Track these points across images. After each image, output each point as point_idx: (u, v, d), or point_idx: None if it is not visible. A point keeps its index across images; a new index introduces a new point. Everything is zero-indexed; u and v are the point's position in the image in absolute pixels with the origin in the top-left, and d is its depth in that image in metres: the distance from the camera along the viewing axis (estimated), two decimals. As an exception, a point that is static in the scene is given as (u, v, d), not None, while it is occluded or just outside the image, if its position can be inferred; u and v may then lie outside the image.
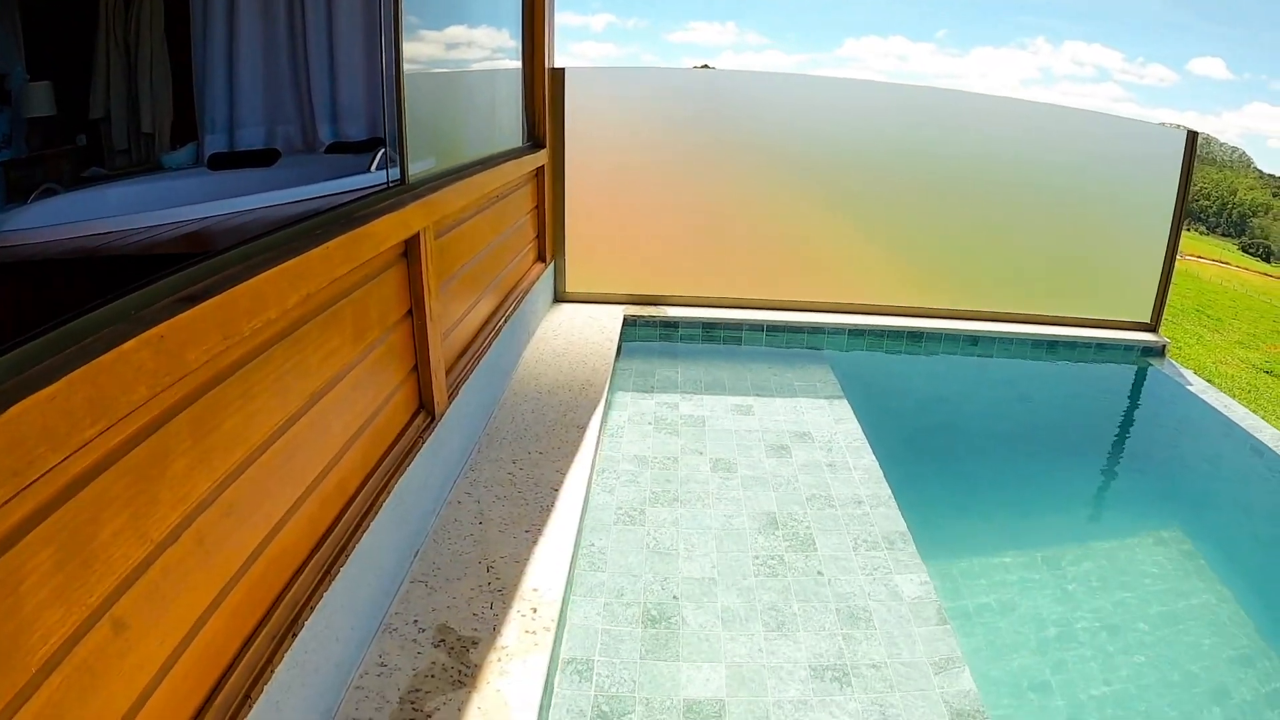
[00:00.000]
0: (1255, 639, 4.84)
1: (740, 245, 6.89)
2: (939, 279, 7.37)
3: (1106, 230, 7.64)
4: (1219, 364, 13.07)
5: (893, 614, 3.48)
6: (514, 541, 3.18)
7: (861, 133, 7.01)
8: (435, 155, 3.86)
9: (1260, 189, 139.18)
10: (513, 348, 4.99)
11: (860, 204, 7.13)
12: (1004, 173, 7.33)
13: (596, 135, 6.40)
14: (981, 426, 7.20)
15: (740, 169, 6.80)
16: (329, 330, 2.34)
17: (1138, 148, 7.49)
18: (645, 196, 6.67)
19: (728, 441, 4.87)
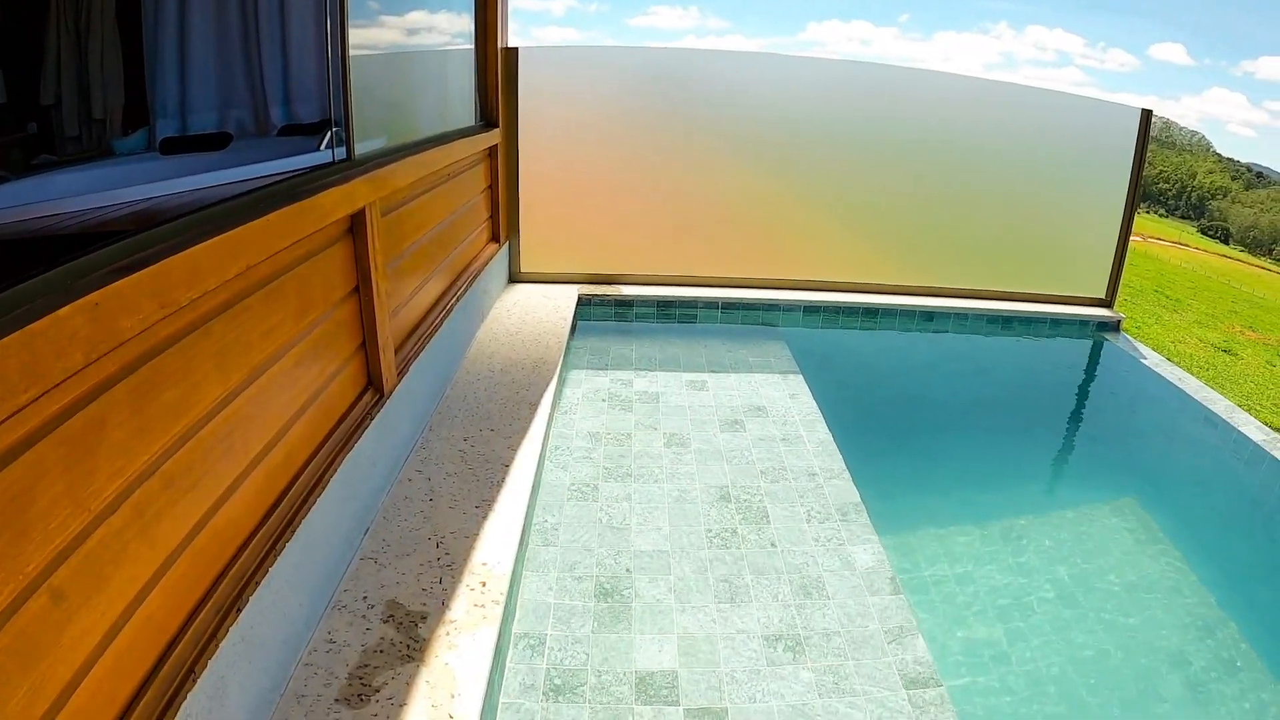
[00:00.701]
0: (1212, 607, 4.91)
1: (696, 224, 6.89)
2: (895, 256, 7.42)
3: (1062, 207, 7.71)
4: (1177, 343, 13.25)
5: (846, 584, 3.51)
6: (464, 517, 3.18)
7: (818, 111, 7.02)
8: (387, 134, 3.86)
9: (1219, 172, 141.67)
10: (466, 327, 4.98)
11: (816, 182, 7.15)
12: (961, 150, 7.38)
13: (552, 115, 6.37)
14: (939, 401, 7.24)
15: (697, 147, 6.80)
16: (272, 304, 2.32)
17: (1093, 126, 7.57)
18: (601, 176, 6.66)
19: (681, 417, 4.88)
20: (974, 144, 7.40)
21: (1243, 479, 5.93)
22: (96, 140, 1.91)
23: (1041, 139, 7.51)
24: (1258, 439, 5.74)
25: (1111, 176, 7.50)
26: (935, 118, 7.27)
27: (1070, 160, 7.60)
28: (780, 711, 2.80)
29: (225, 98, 2.50)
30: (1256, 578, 5.37)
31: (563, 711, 2.71)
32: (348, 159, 3.04)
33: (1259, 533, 5.67)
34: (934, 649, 4.11)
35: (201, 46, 2.33)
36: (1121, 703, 4.12)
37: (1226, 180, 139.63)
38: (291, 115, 2.90)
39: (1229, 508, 5.97)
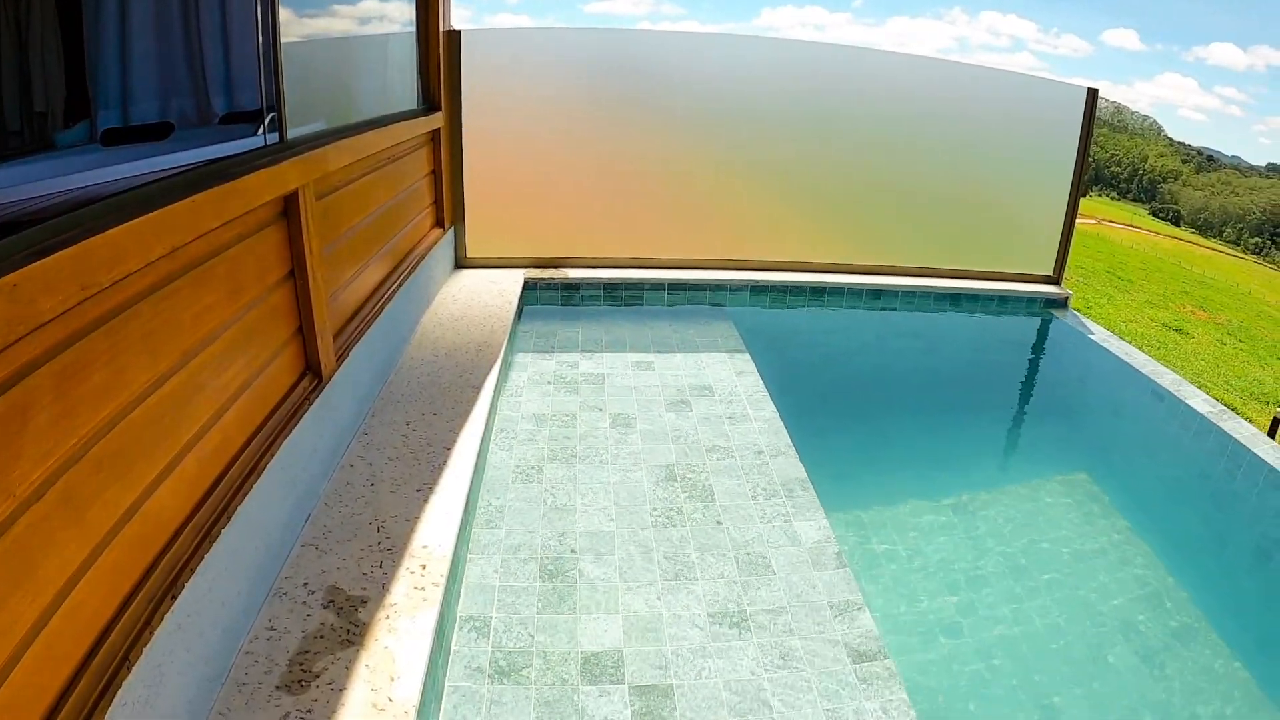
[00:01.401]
0: (1162, 576, 4.99)
1: (643, 206, 6.88)
2: (843, 235, 7.45)
3: (1010, 186, 7.80)
4: (1129, 322, 13.49)
5: (792, 560, 3.53)
6: (405, 501, 3.16)
7: (767, 91, 7.01)
8: (325, 118, 3.82)
9: (1170, 156, 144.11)
10: (409, 312, 4.94)
11: (765, 162, 7.16)
12: (910, 129, 7.42)
13: (500, 99, 6.31)
14: (888, 378, 7.29)
15: (646, 129, 6.79)
16: (202, 287, 2.30)
17: (1041, 106, 7.64)
18: (549, 160, 6.61)
19: (627, 397, 4.89)
20: (923, 123, 7.45)
21: (1190, 451, 6.03)
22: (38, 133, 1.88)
23: (989, 118, 7.58)
24: (1204, 411, 5.84)
25: (1059, 155, 7.59)
26: (884, 97, 7.30)
27: (1018, 139, 7.68)
28: (726, 687, 2.82)
29: (167, 87, 2.47)
30: (1205, 547, 5.45)
31: (508, 693, 2.71)
32: (280, 142, 3.00)
33: (1207, 503, 5.78)
34: (887, 623, 4.14)
35: (142, 35, 2.29)
36: (1073, 673, 4.16)
37: (1177, 164, 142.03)
38: (233, 103, 2.87)
39: (1177, 479, 6.07)
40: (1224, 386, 10.75)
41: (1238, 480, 5.49)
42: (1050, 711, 3.91)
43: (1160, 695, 4.18)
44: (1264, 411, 8.43)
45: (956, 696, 3.88)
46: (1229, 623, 4.71)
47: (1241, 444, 5.46)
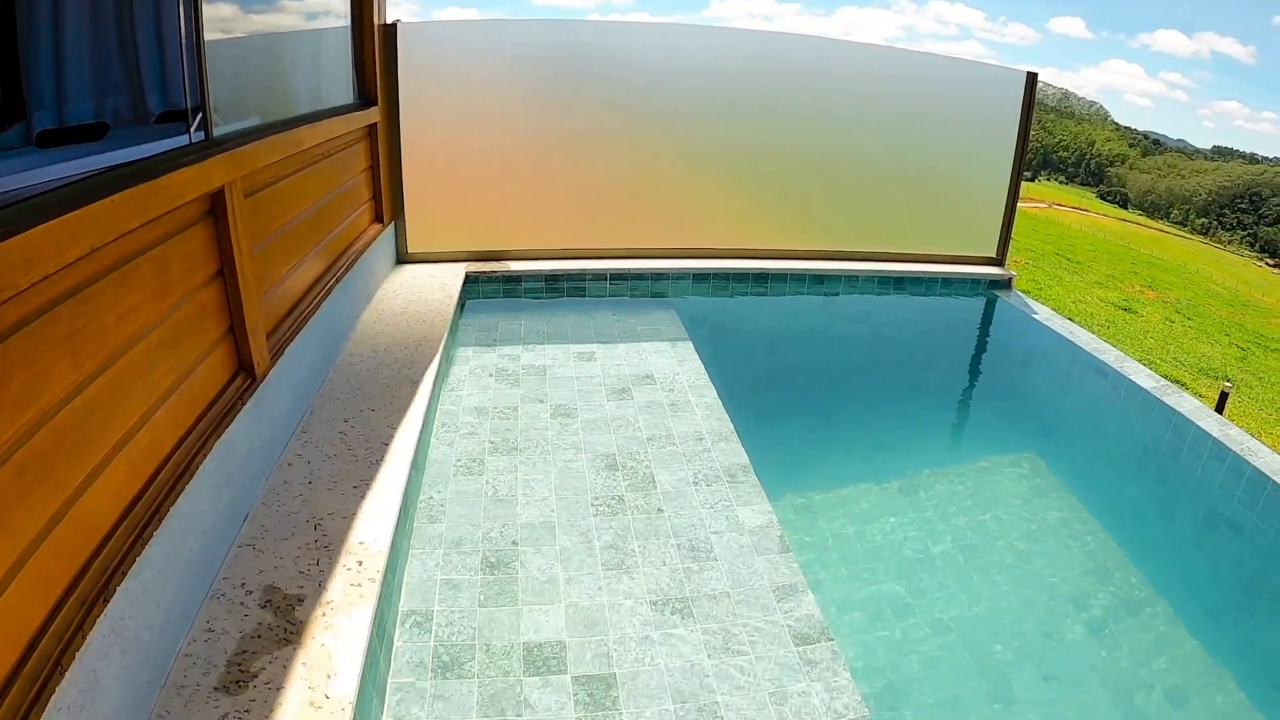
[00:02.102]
0: (1111, 550, 5.06)
1: (587, 197, 6.88)
2: (786, 221, 7.50)
3: (953, 169, 7.89)
4: (1078, 303, 13.67)
5: (734, 545, 3.55)
6: (342, 498, 3.15)
7: (709, 80, 7.02)
8: (259, 114, 3.79)
9: (1117, 140, 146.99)
10: (348, 309, 4.91)
11: (708, 150, 7.17)
12: (853, 115, 7.47)
13: (441, 91, 6.27)
14: (834, 363, 7.33)
15: (588, 119, 6.77)
16: (126, 288, 2.27)
17: (982, 90, 7.74)
18: (491, 152, 6.56)
19: (569, 388, 4.90)
20: (867, 109, 7.49)
21: (1134, 426, 6.11)
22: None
23: (932, 104, 7.65)
24: (1148, 386, 5.93)
25: (1000, 139, 7.70)
26: (828, 84, 7.35)
27: (960, 124, 7.77)
28: (669, 673, 2.84)
29: (102, 86, 2.45)
30: (1152, 520, 5.53)
31: (451, 688, 2.72)
32: (206, 139, 2.97)
33: (1152, 476, 5.87)
34: (837, 605, 4.17)
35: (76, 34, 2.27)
36: (1025, 648, 4.20)
37: (1124, 148, 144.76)
38: (169, 102, 2.85)
39: (1123, 454, 6.15)
40: (1173, 363, 10.94)
41: (1182, 454, 5.58)
42: (1003, 687, 3.94)
43: (1112, 667, 4.23)
44: (1214, 386, 8.61)
45: (910, 676, 3.91)
46: (1178, 593, 4.77)
47: (1185, 417, 5.56)
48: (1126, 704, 4.02)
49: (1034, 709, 3.89)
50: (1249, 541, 4.99)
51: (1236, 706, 4.08)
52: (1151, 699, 4.08)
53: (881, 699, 3.74)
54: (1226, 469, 5.19)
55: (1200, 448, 5.41)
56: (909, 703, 3.74)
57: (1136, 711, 3.99)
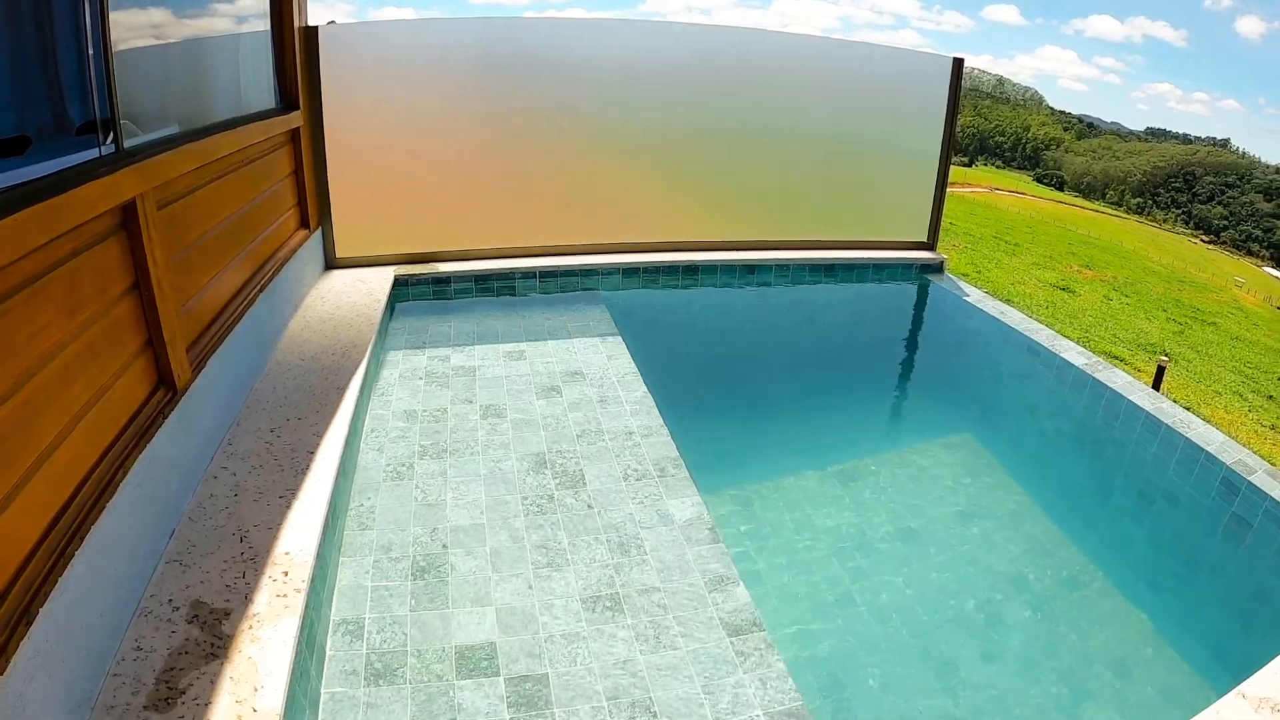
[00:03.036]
0: (1048, 528, 5.13)
1: (516, 195, 6.84)
2: (715, 212, 7.51)
3: (883, 156, 7.97)
4: (1017, 284, 13.88)
5: (665, 539, 3.57)
6: (268, 509, 3.14)
7: (639, 74, 7.03)
8: (178, 123, 3.74)
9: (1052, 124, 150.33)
10: (275, 317, 4.86)
11: (636, 144, 7.17)
12: (783, 105, 7.50)
13: (368, 93, 6.19)
14: (767, 353, 7.37)
15: (516, 116, 6.73)
16: (36, 305, 2.24)
17: (909, 78, 7.84)
18: (419, 153, 6.51)
19: (498, 388, 4.89)
20: (796, 99, 7.54)
21: (1068, 403, 6.19)
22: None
23: (861, 92, 7.73)
24: (1080, 363, 6.03)
25: (929, 125, 7.83)
26: (757, 75, 7.38)
27: (889, 111, 7.85)
28: (602, 671, 2.86)
29: (23, 98, 2.43)
30: (1088, 496, 5.61)
31: (384, 695, 2.72)
32: (116, 151, 2.94)
33: (1087, 453, 5.95)
34: (779, 595, 4.21)
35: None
36: (968, 629, 4.25)
37: (1059, 131, 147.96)
38: (90, 112, 2.81)
39: (1057, 431, 6.25)
40: (1112, 340, 11.14)
41: (1116, 428, 5.67)
42: (946, 668, 4.00)
43: (1055, 644, 4.29)
44: (1152, 361, 8.80)
45: (853, 662, 3.94)
46: (1117, 568, 4.86)
47: (1118, 393, 5.66)
48: (1070, 680, 4.08)
49: (978, 690, 3.94)
50: (1185, 513, 5.09)
51: (1180, 677, 4.16)
52: (1095, 674, 4.14)
53: (825, 686, 3.78)
54: (1160, 442, 5.28)
55: (1133, 422, 5.50)
56: (853, 689, 3.78)
57: (1080, 687, 4.05)
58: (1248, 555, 4.65)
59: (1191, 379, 10.38)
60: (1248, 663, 2.93)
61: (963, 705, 3.80)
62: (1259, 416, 9.36)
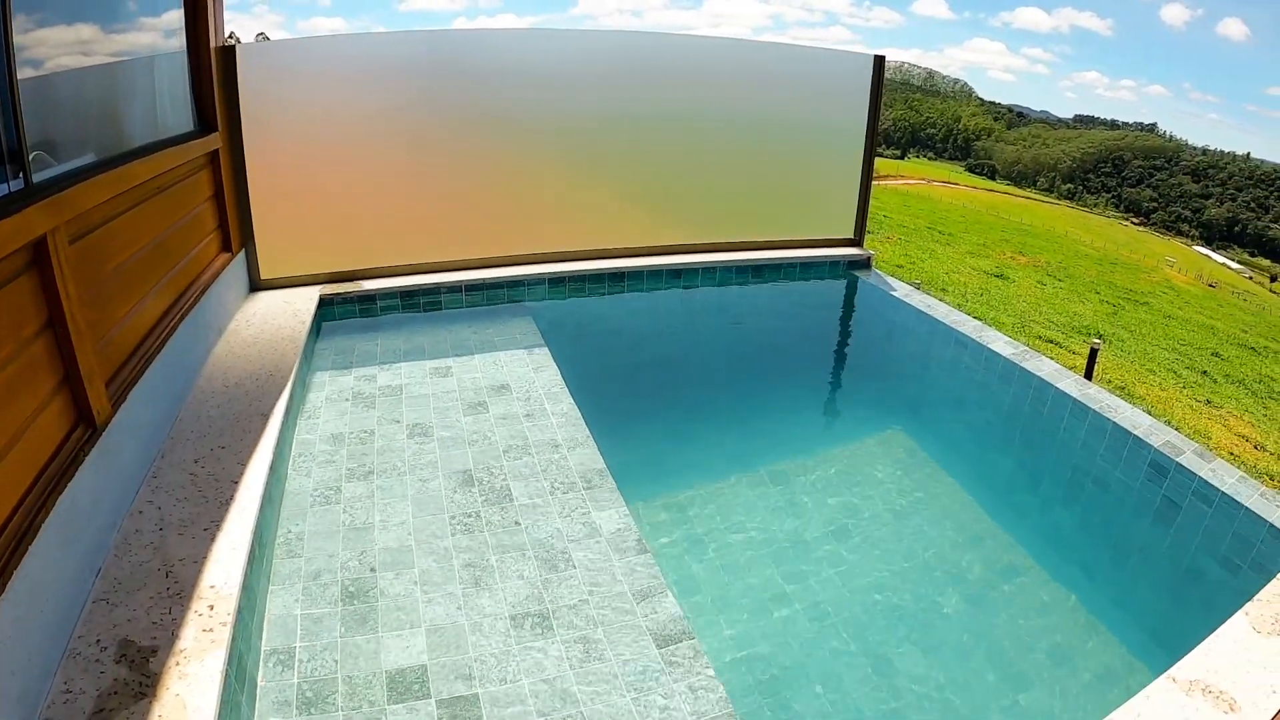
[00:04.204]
0: (982, 519, 5.25)
1: (441, 208, 6.82)
2: (641, 217, 7.55)
3: (808, 155, 8.10)
4: (952, 273, 14.15)
5: (592, 552, 3.62)
6: (193, 542, 3.13)
7: (562, 82, 7.04)
8: (96, 150, 3.74)
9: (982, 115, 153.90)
10: (198, 344, 4.83)
11: (559, 153, 7.19)
12: (708, 108, 7.56)
13: (286, 112, 6.12)
14: (696, 357, 7.43)
15: (439, 130, 6.71)
16: (-54, 353, 2.25)
17: (832, 76, 7.97)
18: (342, 170, 6.46)
19: (425, 406, 4.89)
20: (721, 101, 7.60)
21: (997, 393, 6.30)
22: None
23: (785, 92, 7.84)
24: (1007, 354, 6.15)
25: (852, 122, 7.96)
26: (681, 79, 7.44)
27: (813, 110, 7.98)
28: (532, 689, 2.90)
29: None
30: (1020, 485, 5.75)
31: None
32: (25, 187, 2.92)
33: (1017, 443, 6.07)
34: (715, 600, 4.28)
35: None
36: (905, 624, 4.34)
37: (990, 122, 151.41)
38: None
39: (987, 423, 6.37)
40: (1046, 324, 11.40)
41: (1044, 416, 5.78)
42: (884, 664, 4.08)
43: (993, 634, 4.40)
44: (1087, 343, 9.02)
45: (791, 662, 4.01)
46: (1051, 555, 4.98)
47: (1045, 381, 5.77)
48: (1009, 668, 4.18)
49: (917, 683, 4.03)
50: (1115, 497, 5.20)
51: (1117, 659, 4.28)
52: (1033, 661, 4.25)
53: (765, 688, 3.85)
54: (1088, 428, 5.40)
55: (1061, 409, 5.62)
56: (793, 689, 3.86)
57: (1020, 675, 4.16)
58: (1178, 535, 4.77)
59: (1126, 359, 10.68)
60: (1184, 641, 3.02)
61: (904, 699, 3.88)
62: (1193, 392, 9.67)
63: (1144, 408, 7.54)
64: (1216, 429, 7.96)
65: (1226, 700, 2.65)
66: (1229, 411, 9.25)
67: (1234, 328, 19.49)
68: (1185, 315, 18.54)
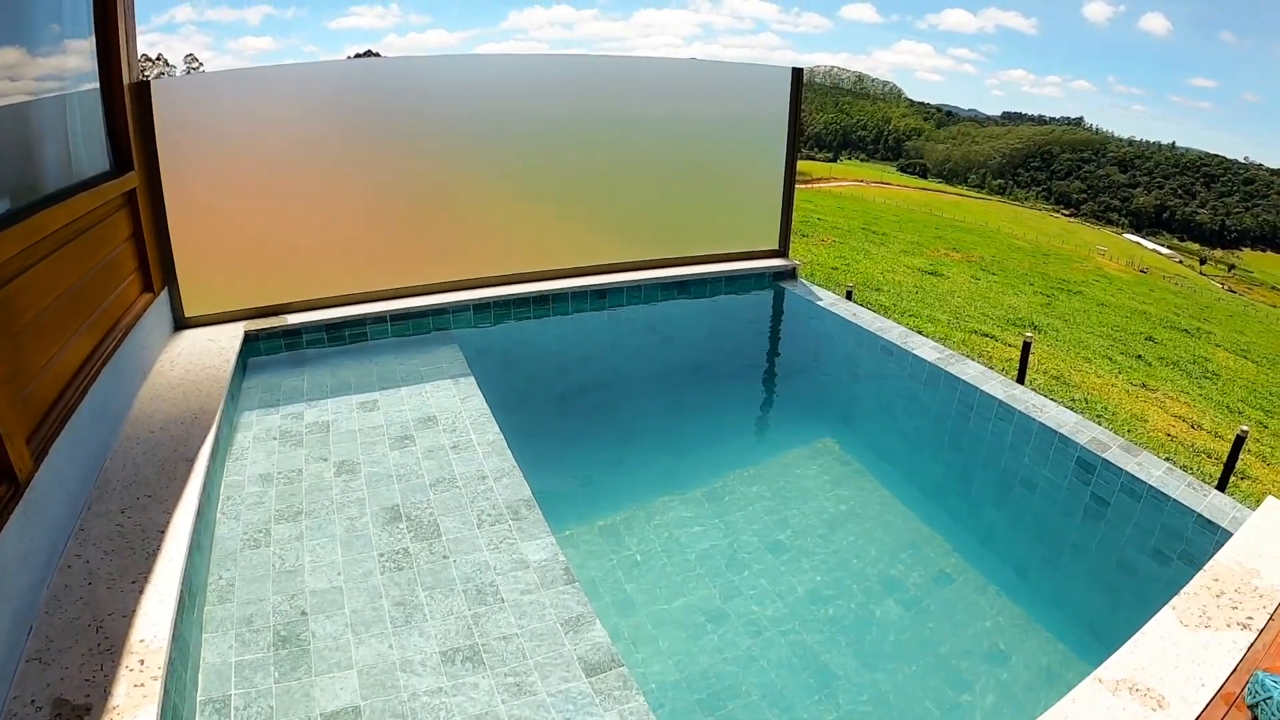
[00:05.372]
0: (915, 525, 5.37)
1: (364, 237, 6.78)
2: (565, 240, 7.58)
3: (731, 169, 8.19)
4: (887, 273, 14.35)
5: (520, 584, 3.68)
6: (122, 596, 3.15)
7: (483, 108, 7.02)
8: (10, 197, 3.73)
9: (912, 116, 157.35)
10: (122, 389, 4.80)
11: (480, 177, 7.16)
12: (631, 127, 7.63)
13: (205, 146, 6.05)
14: (625, 377, 7.48)
15: (361, 159, 6.68)
16: None
17: (753, 90, 8.08)
18: (263, 202, 6.39)
19: (352, 442, 4.90)
20: (643, 120, 7.67)
21: (924, 400, 6.41)
22: None
23: (706, 107, 7.91)
24: (932, 359, 6.27)
25: (773, 133, 8.09)
26: (604, 99, 7.49)
27: (734, 124, 8.07)
28: (465, 725, 2.95)
29: None
30: (951, 489, 5.91)
31: (252, 771, 2.78)
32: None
33: (946, 447, 6.20)
34: (652, 620, 4.38)
35: None
36: (842, 633, 4.46)
37: (919, 122, 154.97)
38: None
39: (916, 429, 6.51)
40: (982, 318, 11.61)
41: (971, 420, 5.89)
42: (824, 673, 4.19)
43: (930, 639, 4.52)
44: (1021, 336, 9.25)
45: (730, 678, 4.11)
46: (985, 558, 5.12)
47: (971, 384, 5.90)
48: (948, 672, 4.31)
49: (857, 690, 4.14)
50: (1045, 496, 5.33)
51: (1054, 656, 4.43)
52: (971, 664, 4.38)
53: (706, 705, 3.95)
54: (1015, 429, 5.52)
55: (987, 412, 5.74)
56: (734, 705, 3.96)
57: (958, 678, 4.28)
58: (1109, 530, 4.89)
59: (1061, 348, 10.94)
60: (1119, 634, 3.14)
61: (843, 708, 4.00)
62: (1129, 376, 9.96)
63: (1080, 395, 7.77)
64: (1153, 411, 8.21)
65: (1155, 697, 2.76)
66: (1165, 393, 9.53)
67: (1166, 311, 20.06)
68: (1118, 302, 19.02)
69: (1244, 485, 6.46)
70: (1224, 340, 17.56)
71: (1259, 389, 12.43)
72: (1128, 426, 6.93)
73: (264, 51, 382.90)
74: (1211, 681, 2.85)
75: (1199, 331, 17.62)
